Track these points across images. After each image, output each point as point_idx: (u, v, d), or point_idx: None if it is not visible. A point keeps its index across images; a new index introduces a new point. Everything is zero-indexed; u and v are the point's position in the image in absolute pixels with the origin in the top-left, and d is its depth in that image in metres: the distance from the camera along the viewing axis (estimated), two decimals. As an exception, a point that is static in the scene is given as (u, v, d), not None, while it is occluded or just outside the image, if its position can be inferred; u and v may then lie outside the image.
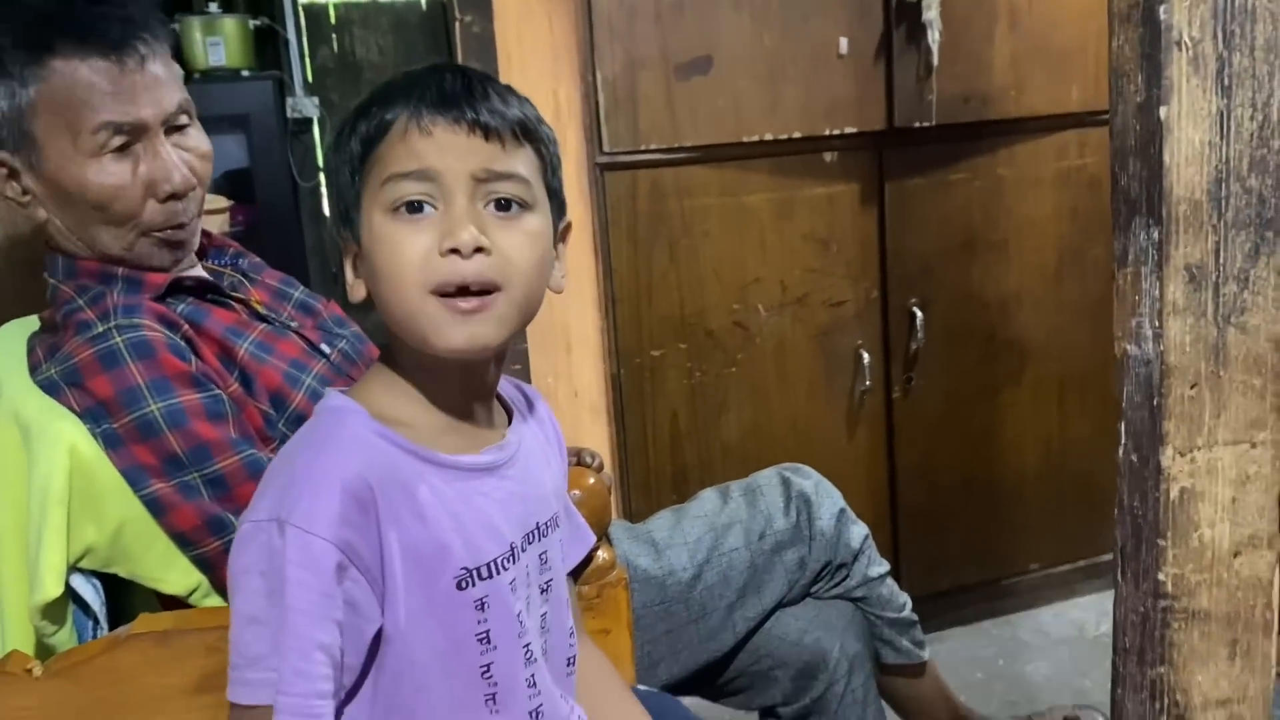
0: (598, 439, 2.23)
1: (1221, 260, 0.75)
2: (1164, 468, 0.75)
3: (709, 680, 1.56)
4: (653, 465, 2.21)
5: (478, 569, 0.97)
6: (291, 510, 0.93)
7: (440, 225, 0.92)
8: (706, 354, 2.22)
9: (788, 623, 1.55)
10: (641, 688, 1.30)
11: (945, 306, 2.32)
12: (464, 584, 0.97)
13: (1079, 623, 2.42)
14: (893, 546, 2.28)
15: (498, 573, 0.99)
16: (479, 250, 0.92)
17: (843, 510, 1.61)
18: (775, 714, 1.56)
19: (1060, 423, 2.42)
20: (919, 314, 2.28)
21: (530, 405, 1.13)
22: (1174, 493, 0.76)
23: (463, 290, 0.92)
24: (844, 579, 1.58)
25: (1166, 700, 0.80)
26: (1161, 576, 0.77)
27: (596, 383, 2.23)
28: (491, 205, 0.94)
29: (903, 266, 2.28)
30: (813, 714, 1.53)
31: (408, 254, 0.92)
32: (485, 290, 0.93)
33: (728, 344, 2.23)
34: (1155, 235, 0.74)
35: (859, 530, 1.60)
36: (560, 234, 1.02)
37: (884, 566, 1.62)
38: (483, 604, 0.98)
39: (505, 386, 1.10)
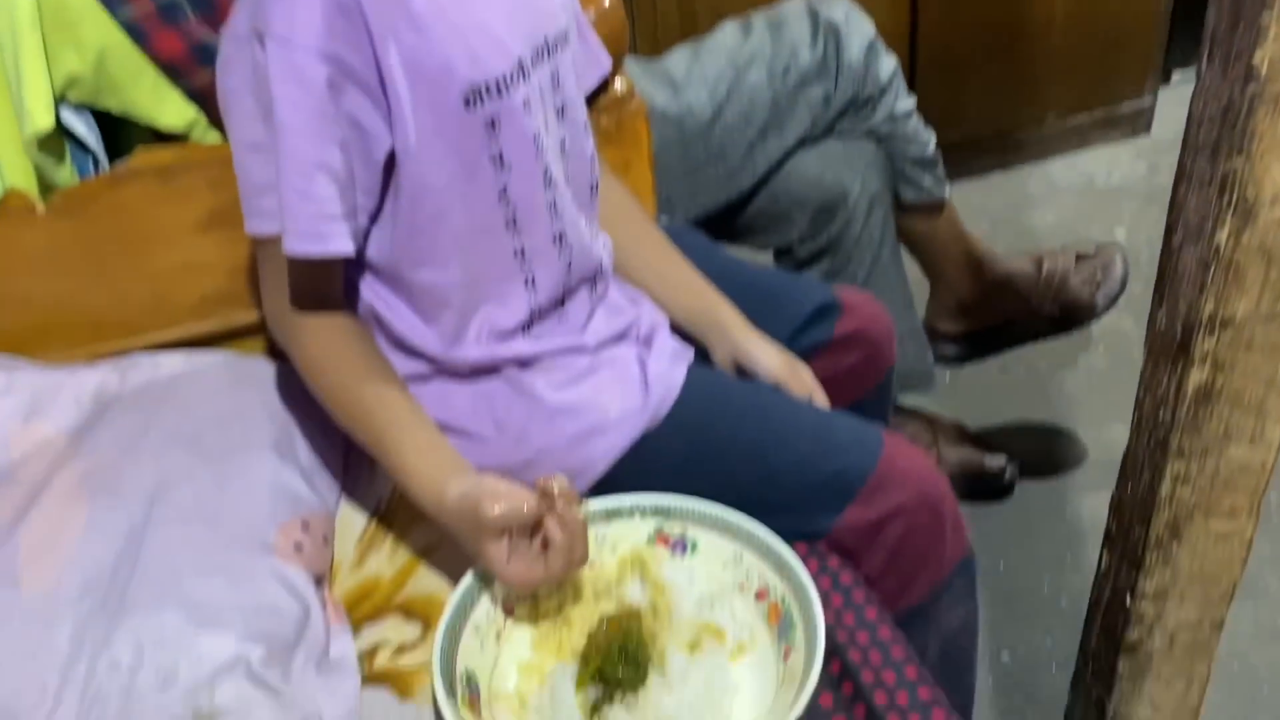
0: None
1: None
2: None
3: (726, 221, 1.54)
4: (660, 10, 2.05)
5: (485, 86, 0.91)
6: (269, 22, 0.85)
7: None
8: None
9: (808, 161, 1.50)
10: (663, 219, 1.28)
11: None
12: (472, 102, 0.91)
13: (1089, 174, 2.40)
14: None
15: (507, 90, 0.93)
16: None
17: (873, 41, 1.50)
18: (791, 252, 1.56)
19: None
20: None
21: None
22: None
23: None
24: (869, 115, 1.51)
25: (1235, 195, 0.77)
26: (1256, 59, 0.71)
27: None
28: None
29: None
30: (828, 252, 1.53)
31: None
32: None
33: None
34: None
35: (888, 63, 1.51)
36: None
37: (911, 102, 1.54)
38: (494, 124, 0.93)
39: None
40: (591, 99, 1.16)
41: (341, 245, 0.90)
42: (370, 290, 1.00)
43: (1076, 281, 1.65)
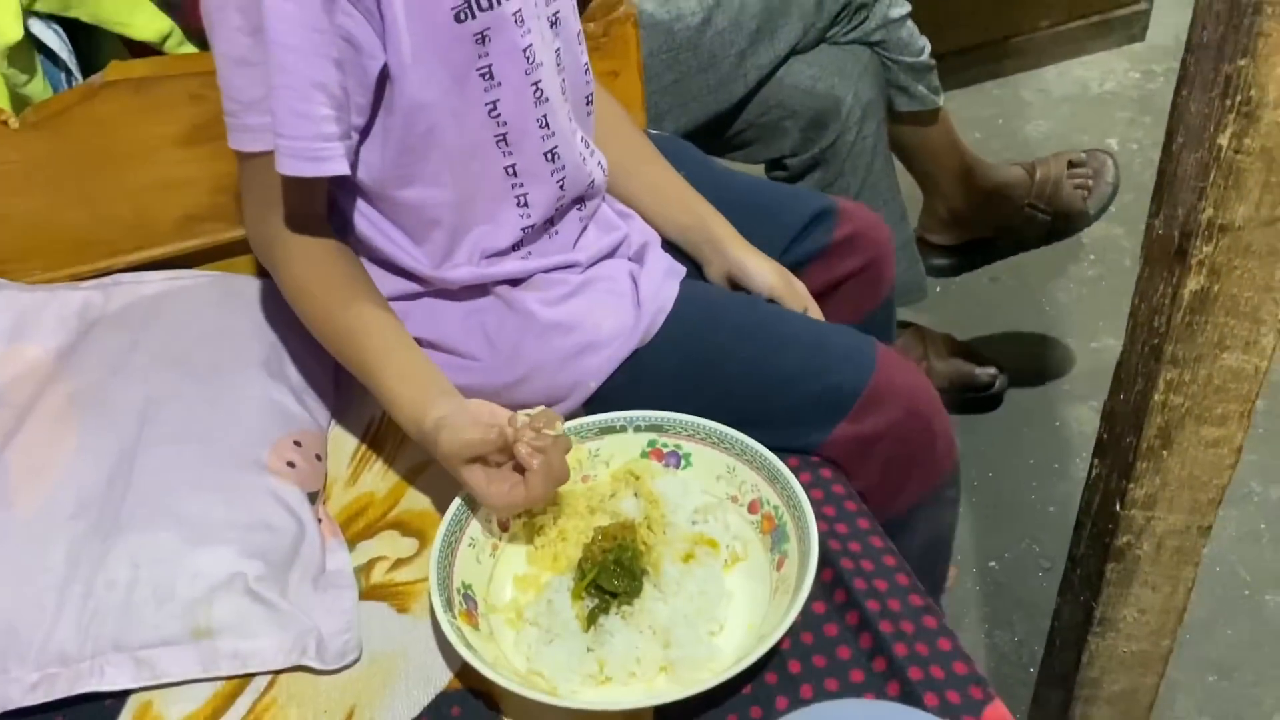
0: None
1: None
2: None
3: (716, 133, 1.52)
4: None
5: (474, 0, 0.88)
6: None
7: None
8: None
9: (800, 70, 1.47)
10: (653, 132, 1.25)
11: None
12: (462, 15, 0.88)
13: (1083, 81, 2.37)
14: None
15: (498, 2, 0.90)
16: None
17: (865, -56, 1.46)
18: (782, 165, 1.54)
19: None
20: None
21: None
22: None
23: None
24: (863, 21, 1.48)
25: (1238, 97, 0.75)
26: (1266, -44, 0.68)
27: None
28: None
29: None
30: (820, 164, 1.51)
31: None
32: None
33: None
34: None
35: (880, -34, 1.47)
36: None
37: (905, 7, 1.51)
38: (483, 37, 0.90)
39: None
40: (579, 6, 1.13)
41: (338, 165, 0.88)
42: (357, 210, 0.98)
43: (1069, 188, 1.63)
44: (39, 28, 1.13)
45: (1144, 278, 0.88)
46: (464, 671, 0.86)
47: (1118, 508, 0.97)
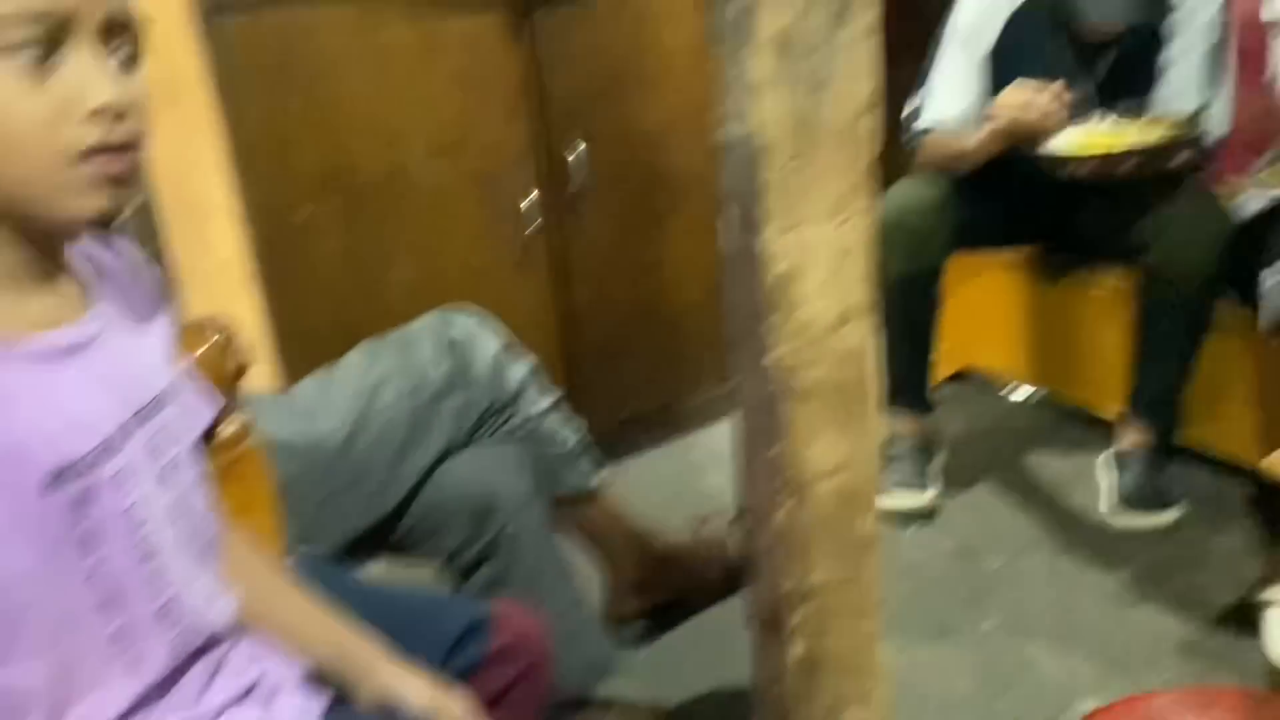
0: (252, 311, 2.07)
1: (806, 28, 0.73)
2: (764, 250, 0.75)
3: (379, 540, 1.51)
4: (318, 333, 2.07)
5: (66, 469, 0.85)
6: None
7: (73, 78, 0.79)
8: (360, 209, 2.09)
9: (455, 471, 1.52)
10: (301, 551, 1.23)
11: (606, 143, 2.30)
12: (52, 486, 0.84)
13: (750, 436, 2.57)
14: (569, 385, 2.29)
15: (93, 468, 0.87)
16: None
17: (501, 350, 1.57)
18: (452, 561, 1.54)
19: (718, 249, 2.49)
20: (580, 152, 2.25)
21: (116, 261, 0.99)
22: (774, 275, 0.76)
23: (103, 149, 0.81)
24: (508, 420, 1.56)
25: (785, 476, 0.82)
26: (767, 361, 0.78)
27: (242, 250, 2.06)
28: (115, 59, 0.83)
29: (560, 104, 2.23)
30: (488, 557, 1.52)
31: (31, 114, 0.79)
32: (128, 147, 0.83)
33: (382, 197, 2.11)
34: (743, 3, 0.71)
35: (519, 369, 1.58)
36: None
37: (547, 402, 1.61)
38: (79, 504, 0.86)
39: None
40: (205, 440, 1.12)
41: None
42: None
43: (733, 543, 1.72)
44: None
45: (755, 648, 0.91)
46: None
47: None
